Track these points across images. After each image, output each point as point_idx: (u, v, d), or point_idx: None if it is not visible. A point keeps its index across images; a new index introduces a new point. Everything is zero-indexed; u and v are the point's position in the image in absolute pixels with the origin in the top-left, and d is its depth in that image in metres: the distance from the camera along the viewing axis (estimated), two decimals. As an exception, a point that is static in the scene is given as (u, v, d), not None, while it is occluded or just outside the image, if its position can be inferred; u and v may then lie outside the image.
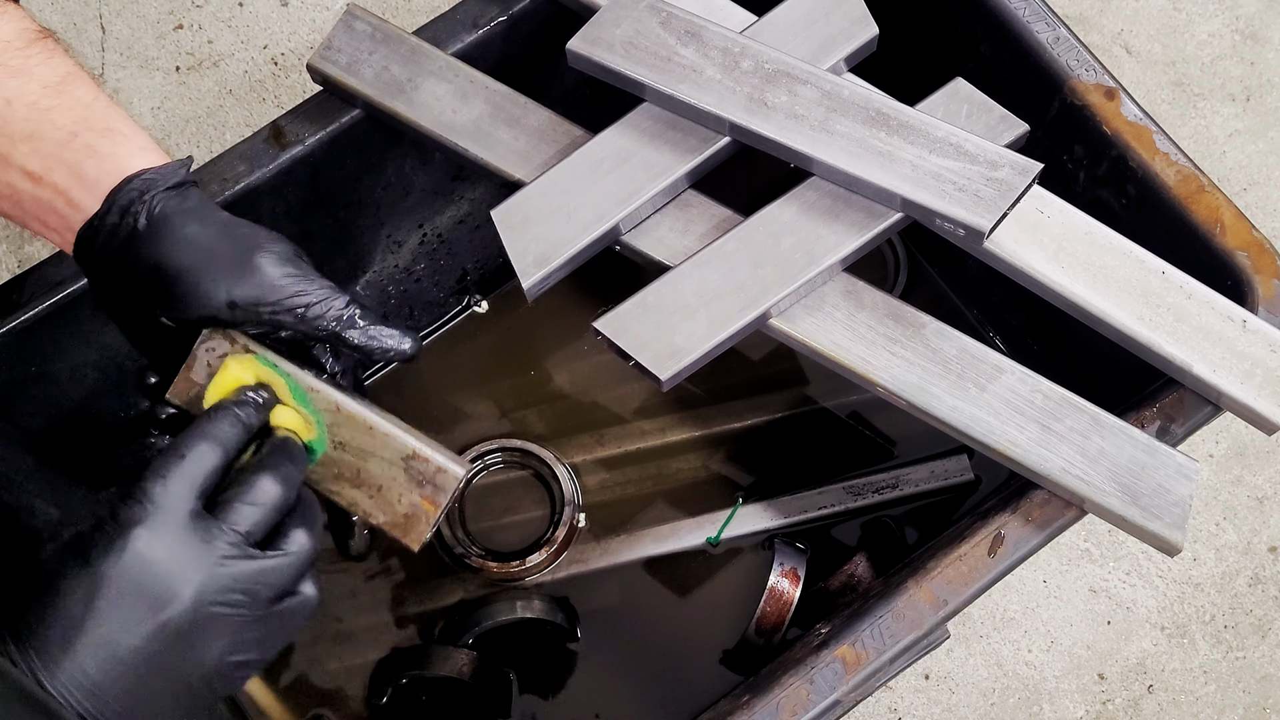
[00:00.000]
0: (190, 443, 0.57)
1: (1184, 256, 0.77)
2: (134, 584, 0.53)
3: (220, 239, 0.62)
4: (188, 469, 0.56)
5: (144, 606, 0.53)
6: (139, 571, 0.53)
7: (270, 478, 0.57)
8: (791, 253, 0.75)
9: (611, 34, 0.77)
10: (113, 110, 0.66)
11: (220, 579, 0.54)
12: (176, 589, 0.53)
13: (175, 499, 0.55)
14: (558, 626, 0.94)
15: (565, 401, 1.03)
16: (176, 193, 0.63)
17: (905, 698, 1.05)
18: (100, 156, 0.63)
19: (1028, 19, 0.84)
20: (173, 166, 0.64)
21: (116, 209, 0.62)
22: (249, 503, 0.56)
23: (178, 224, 0.62)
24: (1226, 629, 1.08)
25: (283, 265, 0.62)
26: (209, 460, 0.57)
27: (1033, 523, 0.74)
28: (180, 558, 0.54)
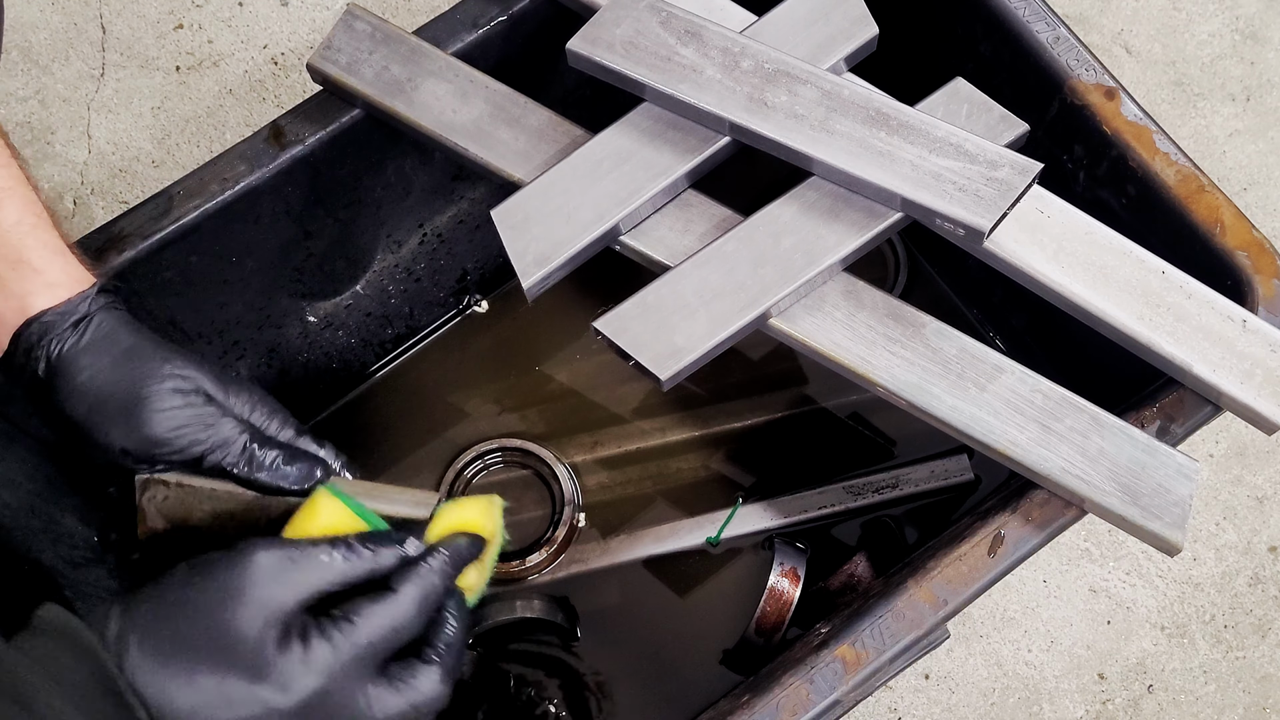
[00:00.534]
0: (406, 608, 0.56)
1: (1184, 256, 0.77)
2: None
3: (112, 386, 0.63)
4: (393, 638, 0.55)
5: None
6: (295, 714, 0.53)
7: (445, 677, 0.57)
8: (791, 252, 0.75)
9: (611, 34, 0.77)
10: (31, 237, 0.66)
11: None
12: None
13: (366, 661, 0.55)
14: (558, 626, 0.94)
15: (565, 401, 1.03)
16: (74, 331, 0.64)
17: (905, 697, 1.05)
18: (7, 293, 0.64)
19: (1028, 19, 0.84)
20: (73, 302, 0.64)
21: (21, 351, 0.64)
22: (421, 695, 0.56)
23: (72, 373, 0.63)
24: (1226, 629, 1.08)
25: (177, 410, 0.63)
26: (413, 631, 0.57)
27: (1033, 522, 0.74)
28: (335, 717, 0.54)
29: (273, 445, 0.65)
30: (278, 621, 0.53)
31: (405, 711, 0.55)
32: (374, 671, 0.55)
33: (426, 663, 0.57)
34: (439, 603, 0.58)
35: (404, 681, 0.55)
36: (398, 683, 0.55)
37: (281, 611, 0.53)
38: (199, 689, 0.52)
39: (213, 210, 0.80)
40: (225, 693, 0.52)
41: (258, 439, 0.64)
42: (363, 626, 0.54)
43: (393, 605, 0.55)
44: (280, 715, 0.53)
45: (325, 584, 0.55)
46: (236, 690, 0.52)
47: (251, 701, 0.52)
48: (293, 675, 0.53)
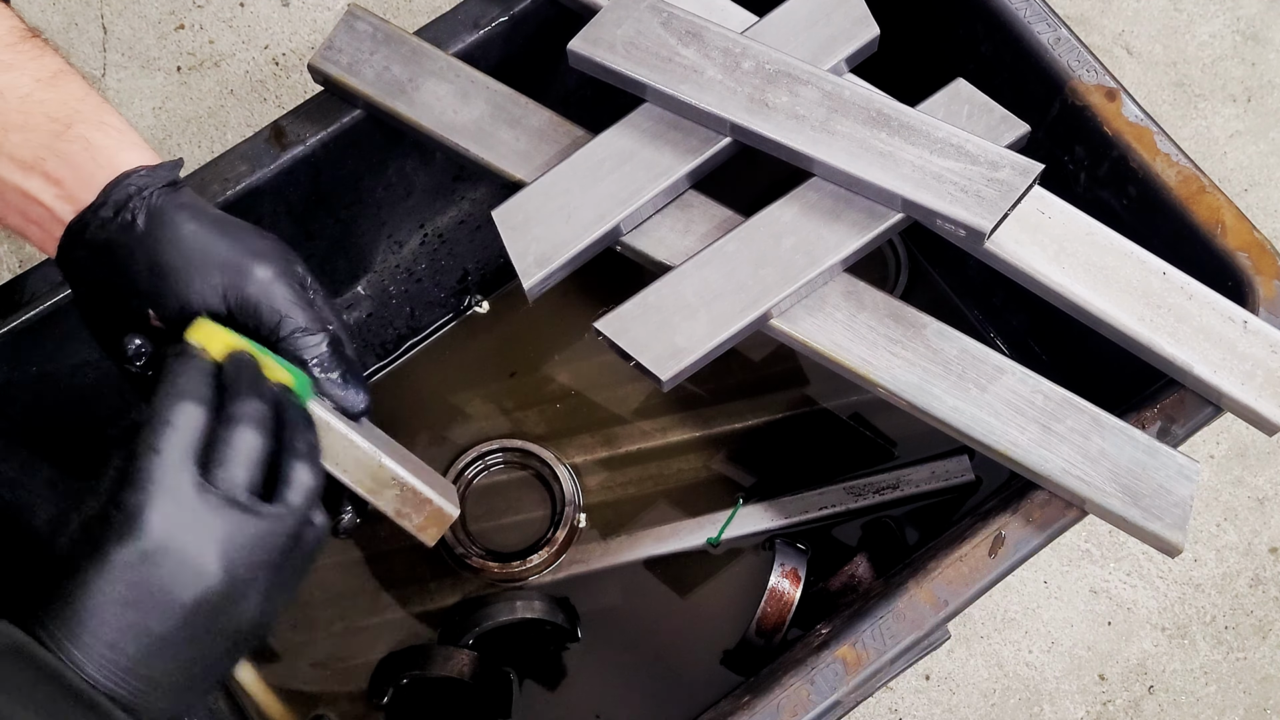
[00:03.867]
0: (172, 406, 0.55)
1: (1185, 257, 0.77)
2: (159, 568, 0.52)
3: (219, 239, 0.62)
4: (178, 438, 0.54)
5: (175, 587, 0.53)
6: (160, 555, 0.52)
7: (252, 425, 0.56)
8: (792, 253, 0.75)
9: (612, 34, 0.77)
10: (105, 106, 0.65)
11: (240, 543, 0.54)
12: (202, 562, 0.53)
13: (175, 472, 0.54)
14: (558, 627, 0.94)
15: (566, 401, 1.03)
16: (172, 190, 0.63)
17: (906, 698, 1.05)
18: (95, 149, 0.63)
19: (1029, 19, 0.84)
20: (168, 165, 0.64)
21: (112, 204, 0.62)
22: (243, 458, 0.55)
23: (177, 221, 0.62)
24: (1227, 630, 1.08)
25: (277, 282, 0.62)
26: (196, 421, 0.55)
27: (1033, 523, 0.74)
28: (196, 532, 0.53)
29: (343, 361, 0.64)
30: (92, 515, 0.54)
31: (234, 476, 0.55)
32: (190, 469, 0.54)
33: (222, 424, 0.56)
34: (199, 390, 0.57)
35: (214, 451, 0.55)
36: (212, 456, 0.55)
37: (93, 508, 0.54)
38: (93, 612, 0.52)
39: (219, 211, 0.80)
40: (98, 589, 0.52)
41: (334, 348, 0.63)
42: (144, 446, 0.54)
43: (150, 412, 0.55)
44: (141, 558, 0.52)
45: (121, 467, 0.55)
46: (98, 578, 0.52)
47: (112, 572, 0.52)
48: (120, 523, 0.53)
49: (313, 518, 0.58)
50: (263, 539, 0.55)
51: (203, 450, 0.55)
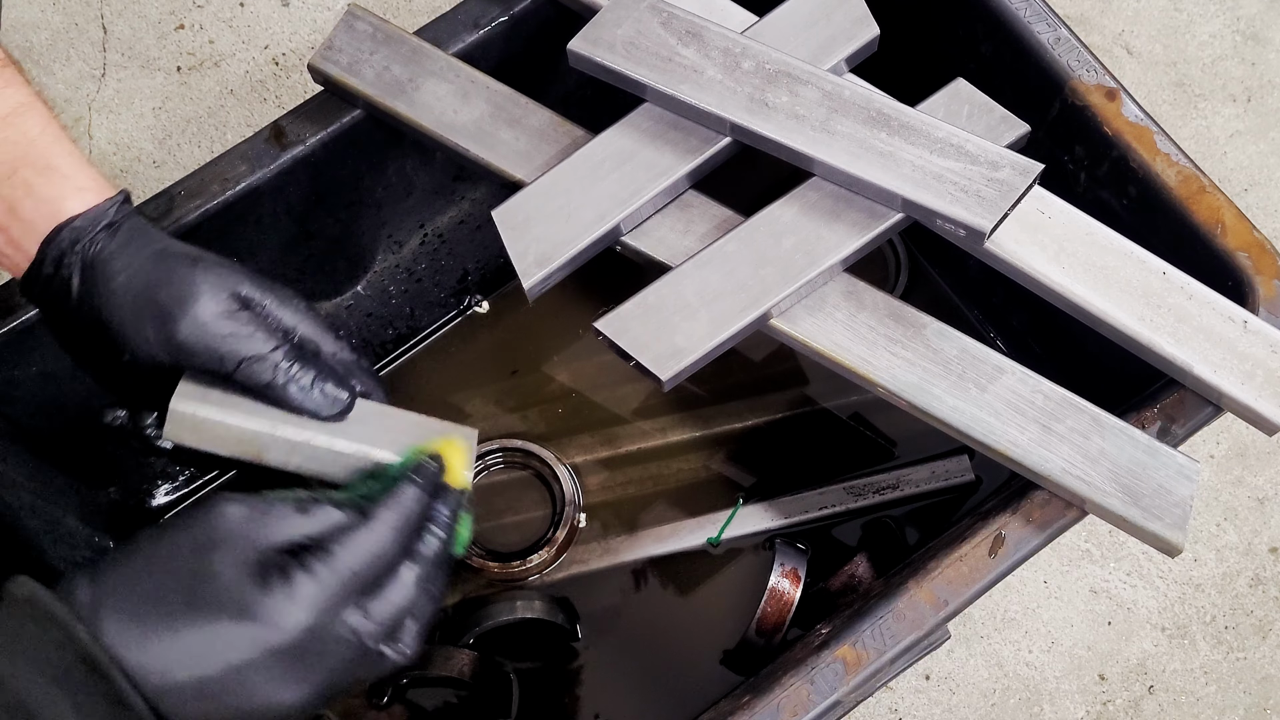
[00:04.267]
0: (383, 532, 0.55)
1: (1185, 257, 0.77)
2: (271, 664, 0.52)
3: (151, 288, 0.62)
4: (374, 563, 0.55)
5: (268, 684, 0.52)
6: (280, 657, 0.52)
7: (424, 589, 0.56)
8: (792, 253, 0.75)
9: (612, 34, 0.77)
10: (58, 145, 0.65)
11: (343, 675, 0.54)
12: (306, 683, 0.53)
13: (349, 592, 0.54)
14: (558, 626, 0.94)
15: (566, 401, 1.03)
16: (106, 234, 0.63)
17: (906, 698, 1.05)
18: (36, 198, 0.63)
19: (1029, 19, 0.84)
20: (102, 207, 0.64)
21: (50, 261, 0.63)
22: (399, 609, 0.55)
23: (109, 275, 0.62)
24: (1227, 630, 1.08)
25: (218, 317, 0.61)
26: (392, 555, 0.55)
27: (1033, 523, 0.74)
28: (325, 655, 0.53)
29: (310, 365, 0.63)
30: (254, 563, 0.52)
31: (384, 629, 0.55)
32: (358, 599, 0.54)
33: (400, 574, 0.56)
34: (417, 525, 0.57)
35: (380, 600, 0.55)
36: (376, 601, 0.55)
37: (256, 553, 0.53)
38: (182, 641, 0.51)
39: (214, 211, 0.80)
40: (212, 639, 0.51)
41: (296, 356, 0.62)
42: (342, 555, 0.53)
43: (369, 530, 0.55)
44: (274, 653, 0.52)
45: (298, 534, 0.54)
46: (224, 634, 0.51)
47: (242, 643, 0.51)
48: (280, 610, 0.52)
49: (399, 640, 0.57)
50: (356, 677, 0.55)
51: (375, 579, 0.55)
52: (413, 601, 0.56)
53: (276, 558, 0.53)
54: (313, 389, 0.62)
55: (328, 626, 0.53)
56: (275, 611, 0.52)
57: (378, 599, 0.55)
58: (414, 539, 0.57)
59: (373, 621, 0.54)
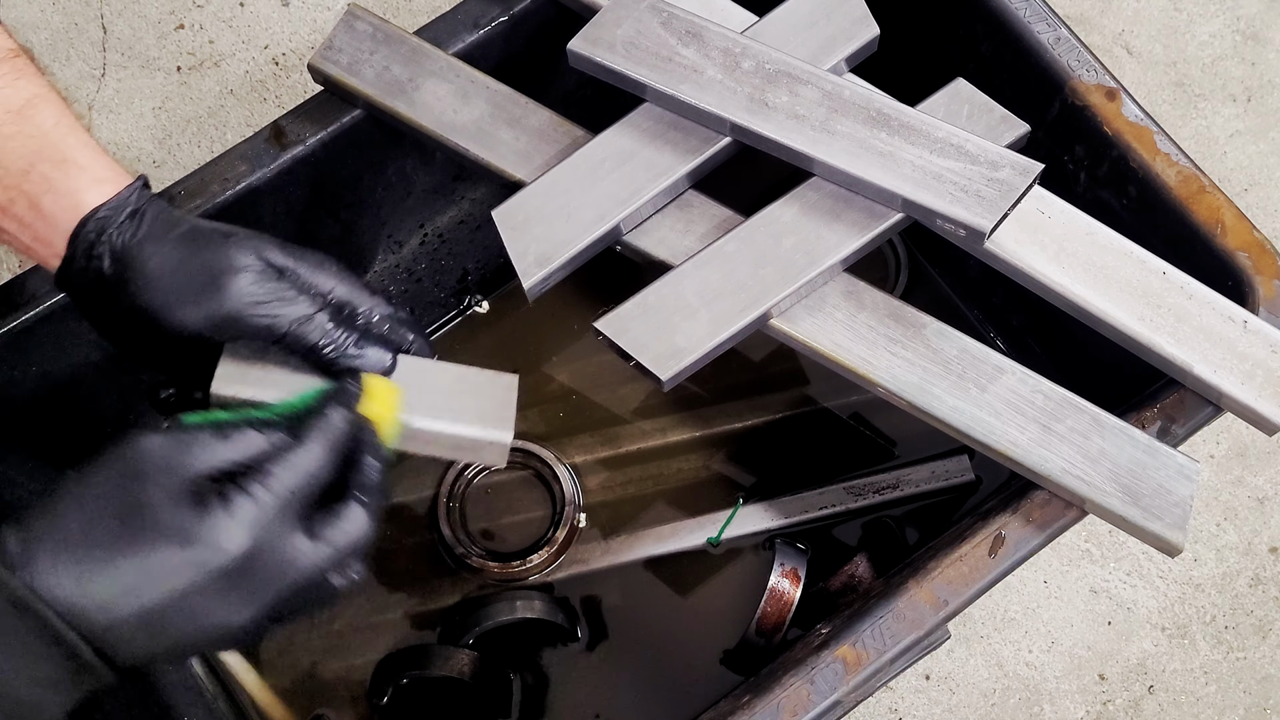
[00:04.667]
0: (317, 452, 0.56)
1: (1185, 257, 0.77)
2: (217, 588, 0.52)
3: (182, 269, 0.62)
4: (310, 482, 0.56)
5: (214, 610, 0.53)
6: (227, 580, 0.53)
7: (373, 516, 0.57)
8: (792, 253, 0.75)
9: (612, 34, 0.77)
10: (72, 137, 0.66)
11: (292, 600, 0.55)
12: (252, 605, 0.53)
13: (290, 510, 0.54)
14: (558, 626, 0.94)
15: (566, 401, 1.03)
16: (131, 222, 0.63)
17: (906, 698, 1.05)
18: (57, 192, 0.64)
19: (1029, 19, 0.84)
20: (123, 195, 0.64)
21: (81, 254, 0.63)
22: (350, 536, 0.56)
23: (141, 262, 0.62)
24: (1227, 630, 1.08)
25: (254, 287, 0.62)
26: (326, 475, 0.57)
27: (1033, 523, 0.74)
28: (271, 577, 0.54)
29: (351, 326, 0.64)
30: (186, 490, 0.53)
31: (334, 554, 0.55)
32: (298, 520, 0.55)
33: (348, 504, 0.57)
34: (349, 444, 0.58)
35: (330, 525, 0.56)
36: (324, 527, 0.55)
37: (186, 481, 0.53)
38: (120, 574, 0.51)
39: (213, 211, 0.80)
40: (152, 568, 0.51)
41: (337, 317, 0.63)
42: (279, 476, 0.54)
43: (303, 453, 0.56)
44: (219, 575, 0.52)
45: (224, 459, 0.55)
46: (165, 561, 0.51)
47: (184, 568, 0.51)
48: (221, 531, 0.52)
49: (348, 567, 0.57)
50: (307, 604, 0.55)
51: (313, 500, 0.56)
52: (364, 529, 0.56)
53: (208, 484, 0.54)
54: (359, 348, 0.63)
55: (272, 546, 0.53)
56: (216, 532, 0.52)
57: (328, 523, 0.56)
58: (350, 464, 0.58)
59: (323, 541, 0.55)
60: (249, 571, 0.53)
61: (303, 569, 0.54)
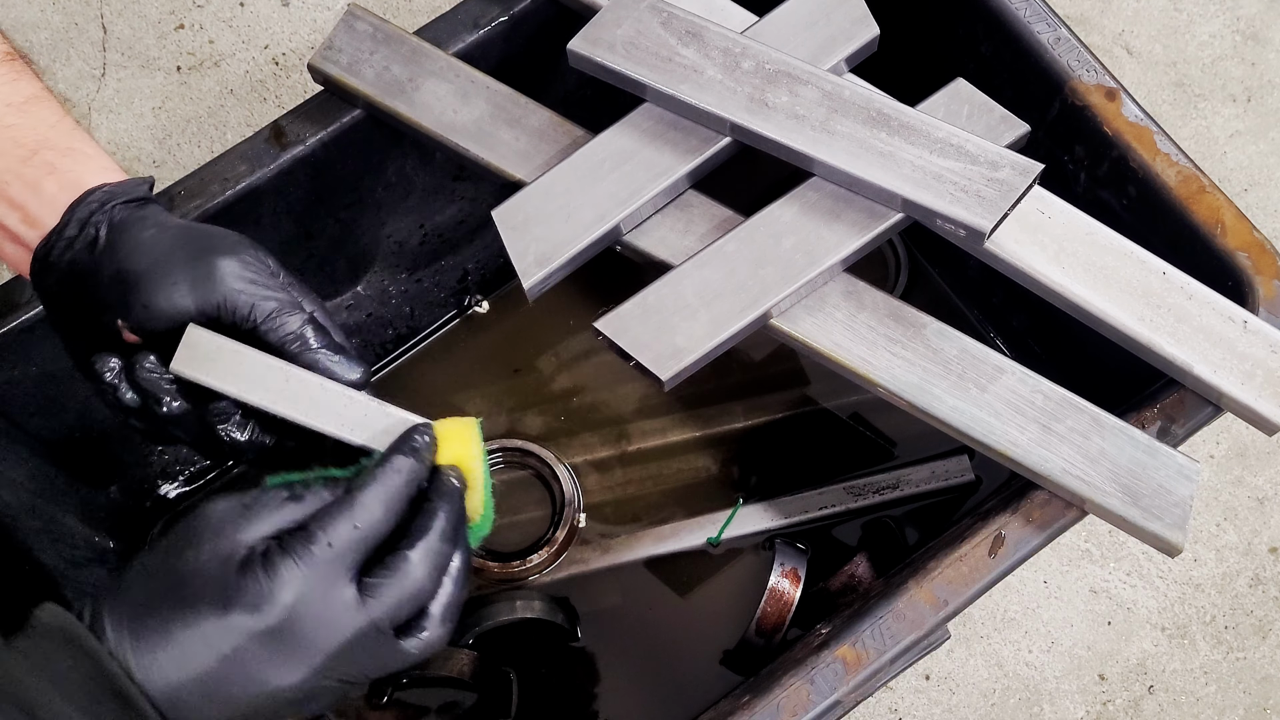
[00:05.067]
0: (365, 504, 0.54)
1: (1185, 257, 0.77)
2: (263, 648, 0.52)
3: (179, 242, 0.62)
4: (358, 544, 0.53)
5: (265, 670, 0.52)
6: (273, 642, 0.52)
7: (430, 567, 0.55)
8: (792, 253, 0.75)
9: (612, 34, 0.77)
10: (76, 132, 0.66)
11: (349, 660, 0.53)
12: (304, 664, 0.52)
13: (335, 575, 0.53)
14: (558, 627, 0.94)
15: (566, 401, 1.03)
16: (137, 205, 0.63)
17: (906, 698, 1.05)
18: (59, 174, 0.63)
19: (1028, 19, 0.84)
20: (133, 182, 0.64)
21: (75, 221, 0.62)
22: (407, 597, 0.54)
23: (136, 230, 0.62)
24: (1227, 630, 1.08)
25: (243, 272, 0.61)
26: (380, 528, 0.54)
27: (1033, 523, 0.74)
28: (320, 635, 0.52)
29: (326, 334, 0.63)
30: (236, 555, 0.52)
31: (387, 610, 0.54)
32: (348, 576, 0.53)
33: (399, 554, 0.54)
34: (406, 496, 0.56)
35: (380, 577, 0.54)
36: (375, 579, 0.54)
37: (241, 545, 0.52)
38: (175, 642, 0.51)
39: (213, 211, 0.80)
40: (201, 635, 0.51)
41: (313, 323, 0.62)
42: (322, 532, 0.53)
43: (349, 503, 0.54)
44: (259, 637, 0.51)
45: (285, 523, 0.54)
46: (210, 627, 0.51)
47: (227, 632, 0.51)
48: (260, 594, 0.51)
49: (417, 626, 0.56)
50: (372, 667, 0.54)
51: (374, 556, 0.54)
52: (418, 579, 0.54)
53: (260, 546, 0.53)
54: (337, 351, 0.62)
55: (314, 603, 0.52)
56: (253, 593, 0.51)
57: (377, 575, 0.54)
58: (412, 515, 0.56)
59: (373, 597, 0.53)
60: (291, 632, 0.52)
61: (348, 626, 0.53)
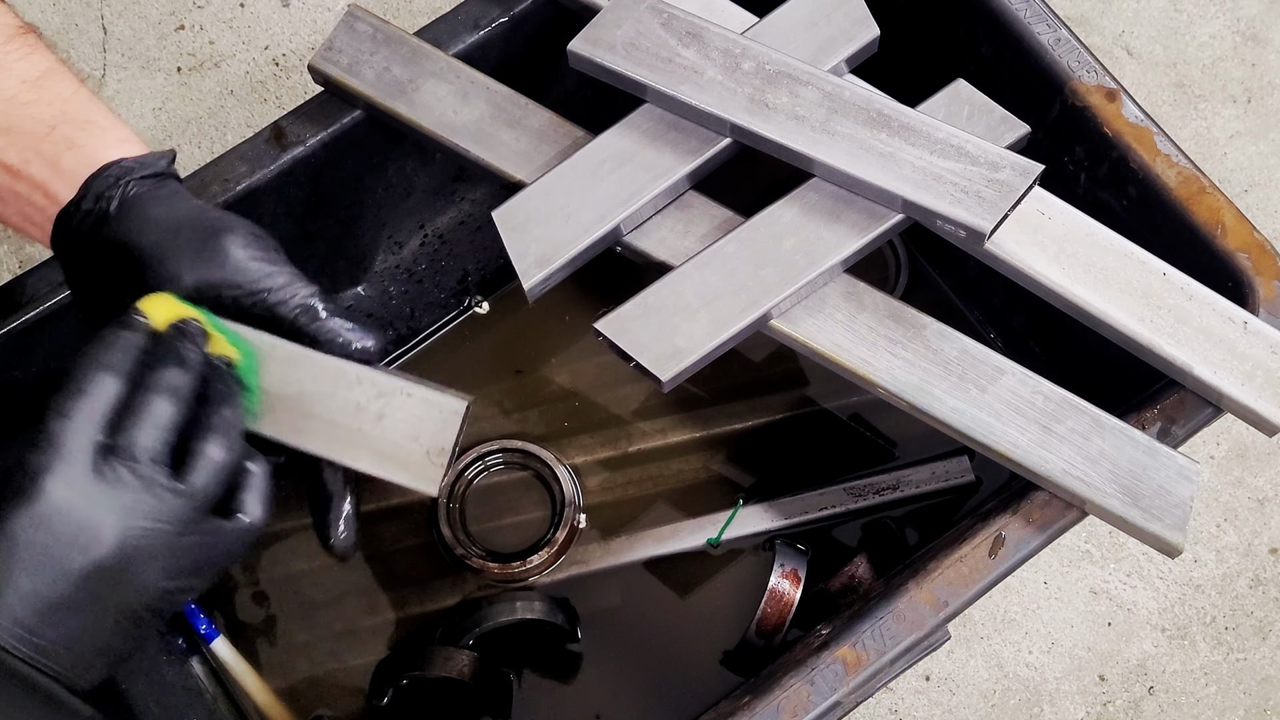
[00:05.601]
0: (88, 375, 0.55)
1: (1185, 258, 0.77)
2: (52, 533, 0.53)
3: (187, 220, 0.62)
4: (88, 405, 0.54)
5: (66, 553, 0.53)
6: (54, 520, 0.53)
7: (165, 395, 0.56)
8: (792, 254, 0.75)
9: (613, 35, 0.77)
10: (93, 104, 0.65)
11: (136, 515, 0.54)
12: (95, 531, 0.53)
13: (78, 438, 0.54)
14: (558, 627, 0.94)
15: (566, 402, 1.03)
16: (153, 181, 0.63)
17: (906, 699, 1.05)
18: (78, 148, 0.63)
19: (1029, 20, 0.84)
20: (153, 157, 0.64)
21: (92, 195, 0.62)
22: (149, 427, 0.55)
23: (146, 206, 0.62)
24: (1227, 630, 1.08)
25: (249, 249, 0.62)
26: (109, 390, 0.55)
27: (1033, 524, 0.74)
28: (92, 498, 0.53)
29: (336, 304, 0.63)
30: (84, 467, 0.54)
31: (196, 494, 0.55)
32: (98, 444, 0.54)
33: (198, 442, 0.56)
34: (136, 362, 0.56)
35: (187, 469, 0.55)
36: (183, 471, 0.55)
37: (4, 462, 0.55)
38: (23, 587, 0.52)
39: (215, 210, 0.80)
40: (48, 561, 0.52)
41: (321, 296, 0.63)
42: (53, 413, 0.54)
43: (65, 379, 0.56)
44: (35, 522, 0.53)
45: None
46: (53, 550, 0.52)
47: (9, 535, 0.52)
48: (20, 486, 0.53)
49: (244, 507, 0.57)
50: (162, 514, 0.54)
51: (114, 419, 0.55)
52: (159, 420, 0.55)
53: (16, 459, 0.54)
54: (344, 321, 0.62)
55: (71, 475, 0.53)
56: (16, 489, 0.53)
57: (120, 431, 0.55)
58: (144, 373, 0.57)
59: (120, 450, 0.54)
60: (64, 508, 0.53)
61: (107, 487, 0.54)
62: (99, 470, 0.54)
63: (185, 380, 0.57)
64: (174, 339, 0.58)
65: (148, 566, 0.54)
